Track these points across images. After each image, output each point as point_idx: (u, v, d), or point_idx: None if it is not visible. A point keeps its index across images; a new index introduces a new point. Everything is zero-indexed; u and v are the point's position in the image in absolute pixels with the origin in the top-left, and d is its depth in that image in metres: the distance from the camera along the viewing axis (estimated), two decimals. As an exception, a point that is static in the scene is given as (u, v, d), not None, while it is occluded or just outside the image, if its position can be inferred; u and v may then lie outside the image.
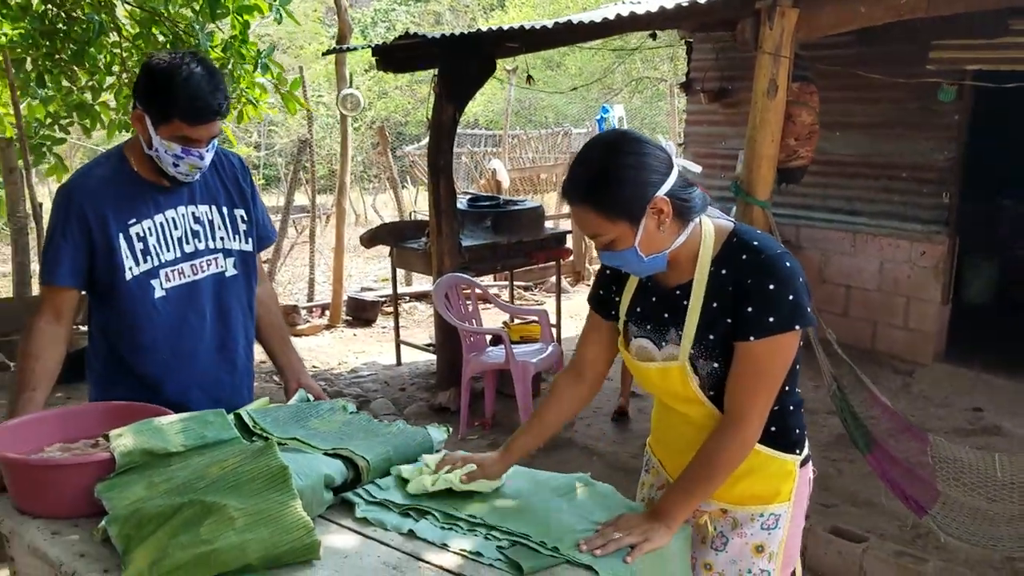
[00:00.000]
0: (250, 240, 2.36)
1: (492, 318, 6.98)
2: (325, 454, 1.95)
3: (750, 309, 1.66)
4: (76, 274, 2.15)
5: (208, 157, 2.15)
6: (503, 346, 4.76)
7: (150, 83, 2.07)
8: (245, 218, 2.35)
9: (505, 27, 4.71)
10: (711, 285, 1.71)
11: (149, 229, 2.19)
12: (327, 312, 7.83)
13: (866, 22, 3.86)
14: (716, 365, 1.72)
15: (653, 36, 7.49)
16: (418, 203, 11.92)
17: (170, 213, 2.22)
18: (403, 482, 1.92)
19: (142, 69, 2.12)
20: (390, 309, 7.15)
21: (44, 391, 2.10)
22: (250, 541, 1.59)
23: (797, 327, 1.66)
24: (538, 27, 4.48)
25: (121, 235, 2.15)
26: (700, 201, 1.72)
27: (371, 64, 6.21)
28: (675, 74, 14.64)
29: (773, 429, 1.77)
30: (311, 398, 2.36)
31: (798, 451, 1.82)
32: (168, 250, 2.21)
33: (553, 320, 6.37)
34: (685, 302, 1.74)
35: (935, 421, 5.12)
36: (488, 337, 5.26)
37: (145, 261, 2.18)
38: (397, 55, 5.75)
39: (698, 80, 7.43)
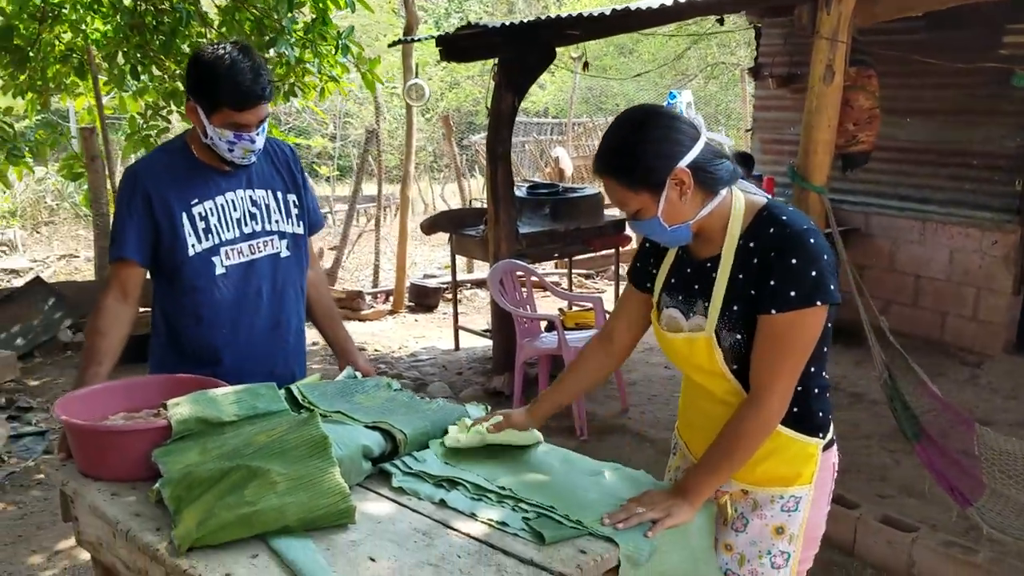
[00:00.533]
0: (301, 224, 2.48)
1: (551, 305, 7.04)
2: (366, 427, 2.04)
3: (773, 282, 1.68)
4: (141, 249, 2.28)
5: (259, 140, 2.26)
6: (557, 332, 4.80)
7: (197, 76, 2.20)
8: (296, 203, 2.47)
9: (563, 15, 4.74)
10: (738, 257, 1.74)
11: (210, 209, 2.31)
12: (391, 298, 7.99)
13: (930, 7, 3.78)
14: (739, 337, 1.74)
15: (720, 21, 7.42)
16: (485, 191, 12.03)
17: (230, 196, 2.34)
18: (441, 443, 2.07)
19: (189, 64, 2.25)
20: (451, 295, 7.27)
21: (108, 365, 2.25)
22: (290, 504, 1.69)
23: (819, 303, 1.67)
24: (596, 14, 4.50)
25: (184, 214, 2.28)
26: (727, 174, 1.74)
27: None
28: (751, 59, 14.40)
29: (796, 410, 1.78)
30: (359, 375, 2.47)
31: (821, 435, 1.82)
32: (228, 230, 2.33)
33: (611, 307, 6.40)
34: (714, 274, 1.77)
35: (1001, 414, 4.98)
36: (543, 323, 5.32)
37: (207, 239, 2.31)
38: (459, 44, 5.83)
39: (766, 65, 7.34)
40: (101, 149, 6.56)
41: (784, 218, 1.72)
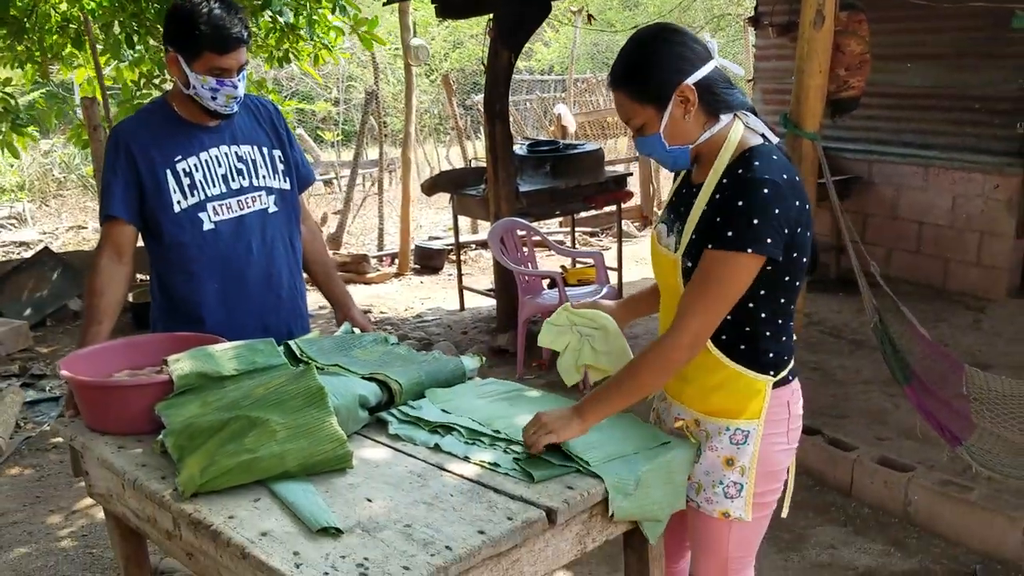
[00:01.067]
0: (288, 180, 2.52)
1: (554, 264, 7.07)
2: (362, 378, 2.10)
3: (719, 219, 1.72)
4: (128, 207, 2.33)
5: (241, 87, 2.31)
6: (558, 288, 4.85)
7: (178, 25, 2.24)
8: (282, 158, 2.51)
9: (556, -31, 4.72)
10: (714, 190, 1.77)
11: (195, 166, 2.35)
12: (396, 261, 8.04)
13: (923, -53, 3.75)
14: (689, 264, 1.79)
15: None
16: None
17: (214, 152, 2.38)
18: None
19: (168, 16, 2.29)
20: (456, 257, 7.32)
21: (109, 323, 2.31)
22: (290, 451, 1.76)
23: (749, 250, 1.68)
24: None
25: (168, 171, 2.32)
26: (734, 100, 1.78)
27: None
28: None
29: (742, 347, 1.82)
30: (356, 331, 2.52)
31: (772, 373, 1.85)
32: (214, 185, 2.37)
33: (614, 264, 6.44)
34: (694, 200, 1.82)
35: (1002, 357, 5.01)
36: (545, 281, 5.36)
37: (192, 195, 2.35)
38: (454, 1, 5.81)
39: (766, 14, 7.27)
40: (103, 117, 6.59)
41: (756, 164, 1.72)
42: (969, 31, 5.69)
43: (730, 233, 1.69)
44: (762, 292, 1.77)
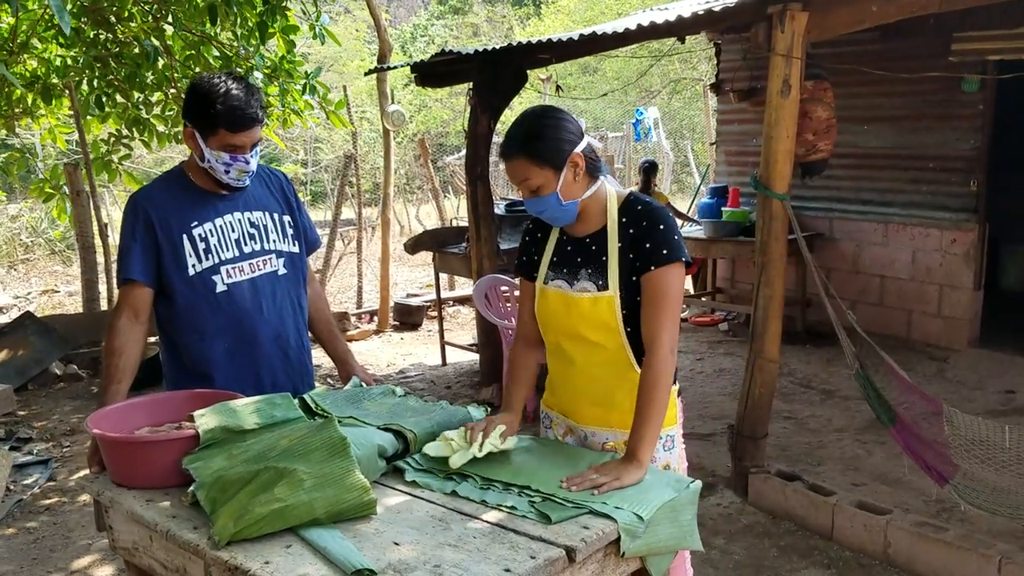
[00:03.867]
0: (297, 243, 2.66)
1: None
2: (378, 428, 2.21)
3: (648, 245, 2.10)
4: (146, 271, 2.43)
5: (253, 162, 2.44)
6: (542, 342, 4.99)
7: (196, 102, 2.37)
8: (292, 224, 2.65)
9: (534, 40, 4.96)
10: (619, 231, 2.15)
11: (210, 231, 2.48)
12: (375, 318, 8.14)
13: (878, 20, 4.03)
14: (624, 294, 2.12)
15: (681, 40, 7.70)
16: (460, 211, 12.24)
17: (228, 218, 2.51)
18: (439, 460, 2.12)
19: (187, 92, 2.42)
20: (435, 313, 7.44)
21: (128, 382, 2.40)
22: (317, 499, 1.86)
23: (682, 259, 2.11)
24: (565, 39, 4.73)
25: (185, 236, 2.44)
26: (603, 167, 2.22)
27: (411, 78, 6.54)
28: (713, 74, 14.79)
29: None
30: (363, 384, 2.64)
31: (675, 382, 2.20)
32: (227, 249, 2.49)
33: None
34: (594, 247, 2.17)
35: (967, 404, 5.22)
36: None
37: (207, 259, 2.47)
38: (435, 71, 6.04)
39: (727, 80, 7.62)
40: (84, 178, 6.67)
41: (647, 199, 2.19)
42: (924, 94, 6.04)
43: (665, 251, 2.10)
44: None
